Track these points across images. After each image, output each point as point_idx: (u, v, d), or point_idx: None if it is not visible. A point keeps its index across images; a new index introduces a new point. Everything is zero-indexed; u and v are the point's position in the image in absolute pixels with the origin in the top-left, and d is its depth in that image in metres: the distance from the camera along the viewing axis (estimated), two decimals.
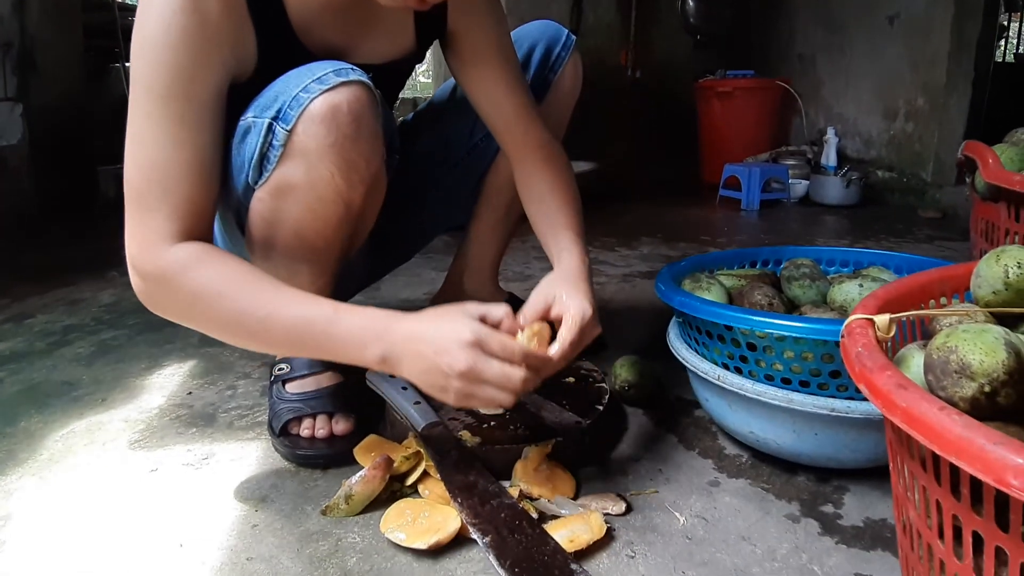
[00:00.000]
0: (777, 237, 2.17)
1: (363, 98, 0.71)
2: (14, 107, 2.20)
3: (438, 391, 0.64)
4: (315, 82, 0.69)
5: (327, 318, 0.65)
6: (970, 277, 0.60)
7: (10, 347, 1.20)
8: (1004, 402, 0.43)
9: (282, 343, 0.69)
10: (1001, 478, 0.32)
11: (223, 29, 0.69)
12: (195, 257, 0.67)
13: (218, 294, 0.66)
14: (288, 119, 0.70)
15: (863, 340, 0.46)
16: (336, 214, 0.76)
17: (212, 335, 0.70)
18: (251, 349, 0.75)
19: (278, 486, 0.76)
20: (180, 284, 0.66)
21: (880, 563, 0.64)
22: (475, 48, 0.89)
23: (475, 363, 0.61)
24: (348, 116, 0.70)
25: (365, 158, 0.74)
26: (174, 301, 0.68)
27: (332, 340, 0.65)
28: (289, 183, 0.73)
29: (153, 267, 0.67)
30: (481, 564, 0.63)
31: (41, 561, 0.65)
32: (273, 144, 0.71)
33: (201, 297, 0.66)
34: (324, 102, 0.69)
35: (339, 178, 0.73)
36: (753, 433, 0.77)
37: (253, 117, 0.72)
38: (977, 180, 0.99)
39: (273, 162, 0.72)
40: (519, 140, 0.92)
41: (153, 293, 0.69)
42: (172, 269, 0.67)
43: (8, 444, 0.87)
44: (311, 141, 0.70)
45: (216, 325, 0.68)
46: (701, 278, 0.88)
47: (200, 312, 0.67)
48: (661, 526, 0.69)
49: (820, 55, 3.12)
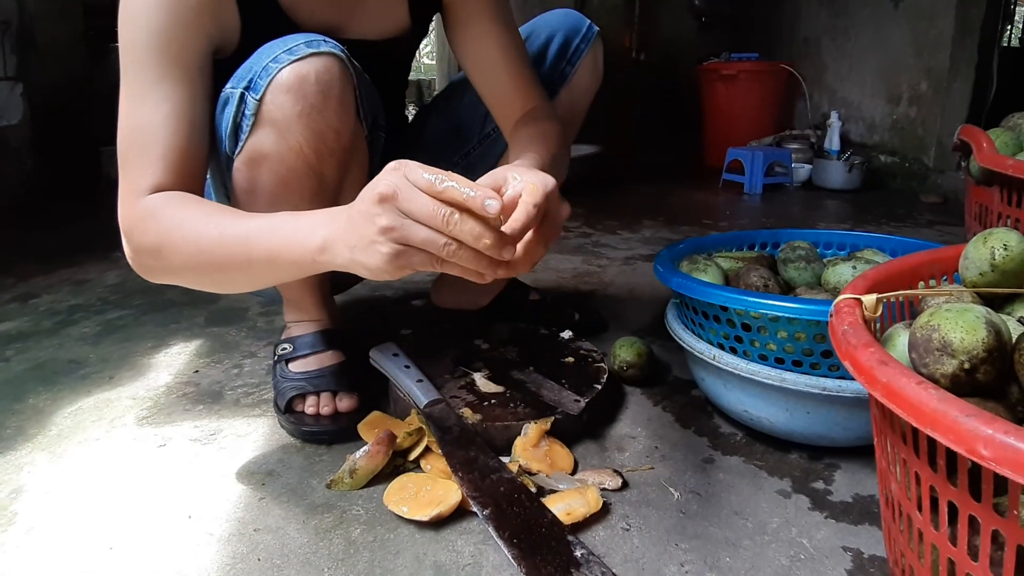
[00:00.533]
0: (779, 221, 2.18)
1: (333, 69, 0.70)
2: (14, 86, 2.18)
3: (365, 250, 0.54)
4: (285, 52, 0.69)
5: (274, 220, 0.62)
6: (959, 259, 0.61)
7: (16, 326, 1.22)
8: (983, 379, 0.45)
9: (239, 259, 0.63)
10: (972, 448, 0.33)
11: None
12: (160, 202, 0.66)
13: (178, 227, 0.65)
14: (258, 88, 0.70)
15: (849, 319, 0.48)
16: (309, 187, 0.76)
17: (187, 281, 0.69)
18: (220, 288, 0.73)
19: (284, 461, 0.78)
20: (145, 229, 0.66)
21: (867, 536, 0.66)
22: (469, 14, 0.87)
23: (395, 186, 0.51)
24: (315, 86, 0.69)
25: (334, 129, 0.73)
26: (147, 252, 0.67)
27: (278, 239, 0.60)
28: (260, 152, 0.73)
29: (126, 223, 0.68)
30: (481, 535, 0.65)
31: (54, 532, 0.67)
32: (245, 114, 0.71)
33: (165, 235, 0.65)
34: (291, 72, 0.69)
35: (307, 149, 0.72)
36: (747, 412, 0.79)
37: (230, 88, 0.73)
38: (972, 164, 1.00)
39: (245, 131, 0.72)
40: (516, 113, 0.87)
41: (132, 252, 0.68)
42: (140, 216, 0.66)
43: (17, 420, 0.89)
44: (278, 111, 0.70)
45: (182, 262, 0.66)
46: (699, 260, 0.89)
47: (167, 253, 0.66)
48: (656, 501, 0.71)
49: (825, 38, 3.11)
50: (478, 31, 0.87)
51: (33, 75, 2.24)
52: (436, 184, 0.51)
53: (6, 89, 2.17)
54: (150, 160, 0.67)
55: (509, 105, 0.88)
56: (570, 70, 0.97)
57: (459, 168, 1.06)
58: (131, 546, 0.64)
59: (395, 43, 0.91)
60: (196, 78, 0.70)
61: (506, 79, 0.87)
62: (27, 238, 1.91)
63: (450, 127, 1.05)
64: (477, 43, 0.88)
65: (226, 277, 0.67)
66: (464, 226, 0.51)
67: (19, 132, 2.21)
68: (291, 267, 0.62)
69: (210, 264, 0.64)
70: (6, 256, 1.68)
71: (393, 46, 0.91)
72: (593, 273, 1.55)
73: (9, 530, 0.67)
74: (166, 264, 0.67)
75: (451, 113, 1.05)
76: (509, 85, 0.87)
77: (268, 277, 0.66)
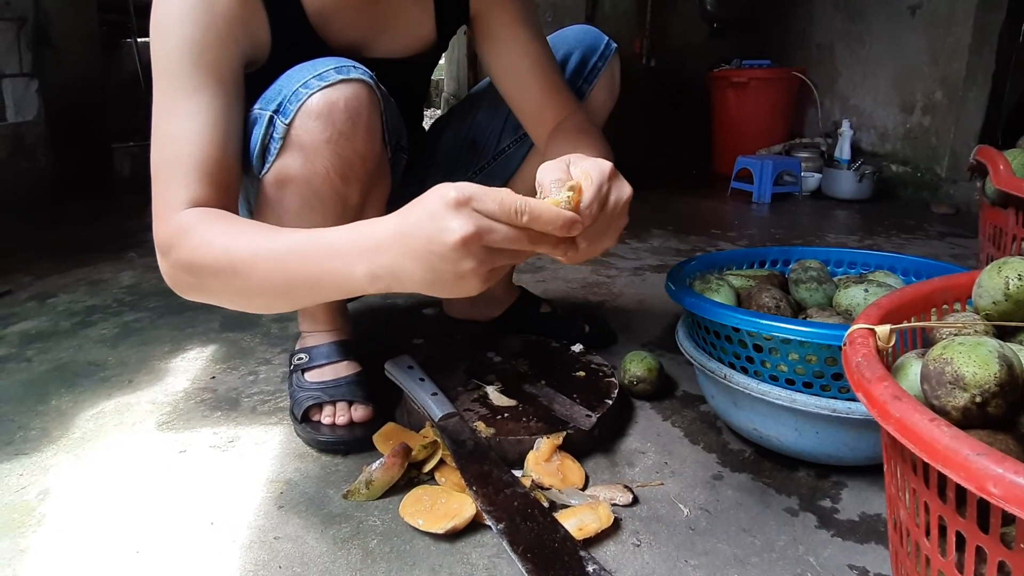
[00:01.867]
0: (787, 232, 2.18)
1: (362, 96, 0.71)
2: (29, 83, 2.19)
3: (453, 285, 0.52)
4: (315, 78, 0.70)
5: (306, 240, 0.59)
6: (972, 287, 0.62)
7: (36, 326, 1.25)
8: (994, 412, 0.46)
9: (278, 283, 0.60)
10: (982, 486, 0.35)
11: (233, 8, 0.69)
12: (195, 219, 0.65)
13: (213, 245, 0.62)
14: (287, 113, 0.71)
15: (863, 350, 0.49)
16: (332, 209, 0.77)
17: (220, 302, 0.67)
18: (254, 308, 0.68)
19: (301, 470, 0.80)
20: (180, 245, 0.64)
21: (873, 555, 0.67)
22: (498, 25, 0.87)
23: (474, 225, 0.49)
24: (344, 113, 0.70)
25: (361, 156, 0.74)
26: (181, 269, 0.65)
27: (313, 263, 0.57)
28: (287, 175, 0.73)
29: (161, 239, 0.66)
30: (495, 549, 0.67)
31: (81, 535, 0.69)
32: (273, 137, 0.72)
33: (199, 252, 0.63)
34: (321, 98, 0.70)
35: (334, 174, 0.73)
36: (757, 430, 0.80)
37: (259, 109, 0.74)
38: (987, 185, 1.00)
39: (273, 153, 0.73)
40: (548, 122, 0.87)
41: (168, 268, 0.66)
42: (176, 232, 0.64)
43: (41, 422, 0.91)
44: (307, 136, 0.71)
45: (218, 285, 0.64)
46: (711, 279, 0.90)
47: (203, 272, 0.63)
48: (666, 517, 0.72)
49: (838, 44, 3.09)
50: (507, 41, 0.87)
51: (48, 72, 2.24)
52: (516, 217, 0.50)
53: (21, 85, 2.18)
54: (184, 172, 0.66)
55: (540, 114, 0.88)
56: (587, 88, 0.97)
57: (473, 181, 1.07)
58: (157, 550, 0.66)
59: (418, 59, 0.91)
60: (230, 89, 0.70)
61: (536, 88, 0.87)
62: (42, 235, 1.94)
63: (466, 141, 1.06)
64: (507, 53, 0.88)
65: (264, 300, 0.65)
66: (544, 241, 0.53)
67: (34, 129, 2.22)
68: (335, 293, 0.60)
69: (246, 285, 0.62)
70: (23, 253, 1.71)
71: (417, 63, 0.92)
72: (602, 283, 1.56)
73: (38, 531, 0.69)
74: (202, 282, 0.65)
75: (467, 127, 1.06)
76: (539, 94, 0.87)
77: (308, 300, 0.64)
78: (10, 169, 2.13)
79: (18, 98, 2.17)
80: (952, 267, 0.91)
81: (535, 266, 1.67)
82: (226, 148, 0.69)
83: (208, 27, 0.68)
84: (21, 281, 1.50)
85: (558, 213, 0.52)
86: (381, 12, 0.83)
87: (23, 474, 0.79)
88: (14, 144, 2.15)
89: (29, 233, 1.95)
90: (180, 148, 0.67)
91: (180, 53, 0.67)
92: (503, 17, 0.87)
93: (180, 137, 0.67)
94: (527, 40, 0.87)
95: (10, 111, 2.15)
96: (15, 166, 2.15)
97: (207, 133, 0.67)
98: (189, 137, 0.67)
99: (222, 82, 0.69)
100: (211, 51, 0.68)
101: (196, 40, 0.67)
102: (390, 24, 0.85)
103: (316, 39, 0.79)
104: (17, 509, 0.72)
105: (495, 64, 0.90)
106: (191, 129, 0.67)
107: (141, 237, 1.90)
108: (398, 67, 0.87)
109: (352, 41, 0.82)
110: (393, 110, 0.82)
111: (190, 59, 0.67)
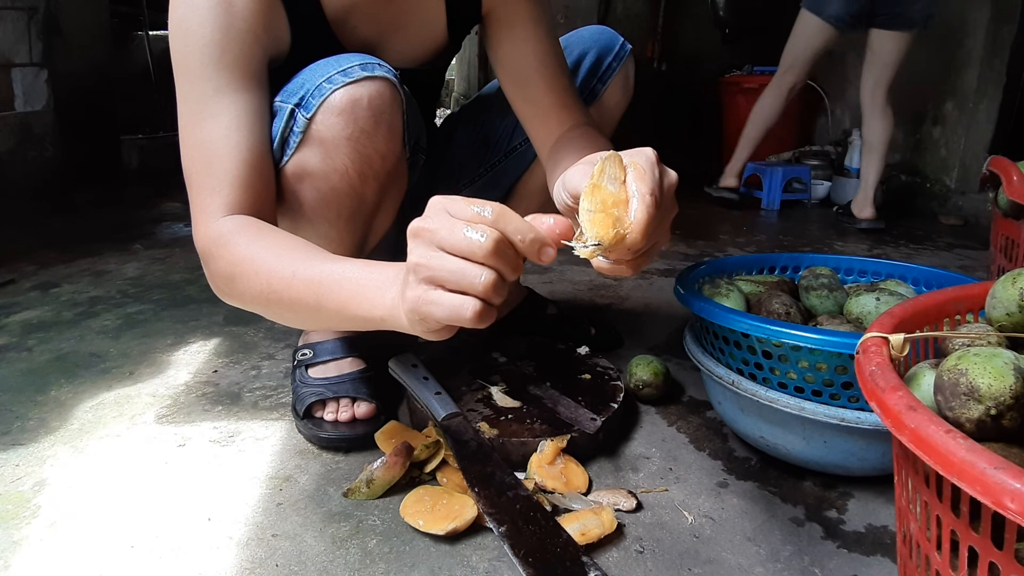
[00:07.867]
0: (796, 240, 2.17)
1: (385, 94, 0.71)
2: (39, 72, 2.19)
3: (416, 322, 0.49)
4: (340, 73, 0.70)
5: (347, 268, 0.57)
6: (985, 297, 0.61)
7: (38, 315, 1.24)
8: (1009, 424, 0.45)
9: (309, 304, 0.59)
10: (999, 501, 0.34)
11: (252, 6, 0.68)
12: (234, 229, 0.64)
13: (250, 260, 0.62)
14: (309, 107, 0.70)
15: (877, 359, 0.48)
16: (348, 206, 0.76)
17: (258, 311, 0.67)
18: (288, 321, 0.68)
19: (301, 467, 0.79)
20: (220, 256, 0.64)
21: (879, 568, 0.66)
22: (510, 20, 0.85)
23: (418, 256, 0.46)
24: (367, 111, 0.70)
25: (381, 154, 0.74)
26: (220, 279, 0.66)
27: (346, 290, 0.56)
28: (305, 169, 0.73)
29: (201, 246, 0.66)
30: (496, 552, 0.66)
31: (76, 528, 0.68)
32: (294, 130, 0.71)
33: (238, 266, 0.63)
34: (345, 94, 0.69)
35: (352, 171, 0.73)
36: (764, 438, 0.79)
37: (280, 102, 0.73)
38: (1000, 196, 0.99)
39: (292, 147, 0.72)
40: (552, 128, 0.83)
41: (209, 275, 0.67)
42: (215, 242, 0.65)
43: (40, 412, 0.90)
44: (328, 132, 0.70)
45: (253, 295, 0.63)
46: (720, 283, 0.89)
47: (240, 284, 0.63)
48: (670, 524, 0.71)
49: (851, 53, 3.08)
50: (518, 38, 0.85)
51: (58, 62, 2.24)
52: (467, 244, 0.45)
53: (31, 75, 2.18)
54: (218, 178, 0.65)
55: (544, 117, 0.85)
56: (601, 88, 0.96)
57: (483, 179, 1.07)
58: (153, 545, 0.66)
59: (432, 61, 0.91)
60: (254, 87, 0.69)
61: (543, 88, 0.84)
62: (48, 225, 1.94)
63: (477, 138, 1.05)
64: (516, 49, 0.85)
65: (296, 317, 0.64)
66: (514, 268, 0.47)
67: (42, 119, 2.22)
68: (361, 323, 0.57)
69: (279, 303, 0.61)
70: (28, 242, 1.71)
71: (430, 66, 0.91)
72: (609, 286, 1.55)
73: (33, 523, 0.68)
74: (239, 293, 0.64)
75: (479, 125, 1.05)
76: (546, 95, 0.84)
77: (335, 324, 0.63)
78: (18, 158, 2.13)
79: (27, 88, 2.17)
80: (964, 278, 0.90)
81: (541, 267, 1.67)
82: (255, 149, 0.68)
83: (228, 27, 0.66)
84: (25, 270, 1.50)
85: (533, 228, 0.47)
86: (397, 9, 0.83)
87: (19, 465, 0.78)
88: (22, 134, 2.15)
89: (35, 222, 1.95)
90: (209, 153, 0.66)
91: (202, 53, 0.66)
92: (516, 14, 0.85)
93: (208, 142, 0.66)
94: (538, 38, 0.85)
95: (19, 101, 2.15)
96: (23, 155, 2.16)
97: (235, 136, 0.66)
98: (217, 141, 0.66)
99: (245, 80, 0.68)
100: (232, 50, 0.67)
101: (216, 39, 0.66)
102: (404, 22, 0.85)
103: (332, 37, 0.78)
104: (12, 500, 0.72)
105: (503, 61, 0.87)
106: (218, 133, 0.66)
107: (147, 229, 1.91)
108: (412, 71, 0.87)
109: (366, 38, 0.82)
110: (414, 109, 0.81)
111: (212, 59, 0.66)
